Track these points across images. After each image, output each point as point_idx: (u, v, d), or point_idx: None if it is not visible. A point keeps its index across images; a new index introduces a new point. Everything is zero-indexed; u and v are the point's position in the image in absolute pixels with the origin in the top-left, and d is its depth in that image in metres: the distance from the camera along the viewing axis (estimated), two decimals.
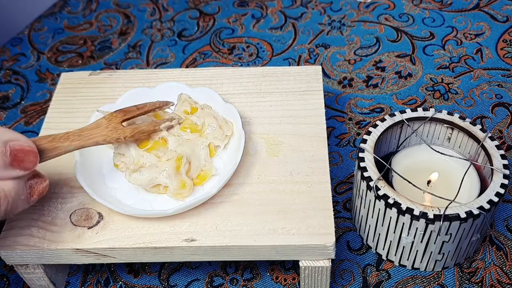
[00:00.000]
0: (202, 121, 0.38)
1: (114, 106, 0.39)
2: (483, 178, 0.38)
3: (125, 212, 0.34)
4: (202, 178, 0.36)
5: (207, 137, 0.37)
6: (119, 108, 0.37)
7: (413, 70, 0.53)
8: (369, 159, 0.37)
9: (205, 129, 0.37)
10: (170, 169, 0.34)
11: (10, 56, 0.58)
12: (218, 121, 0.38)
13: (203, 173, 0.36)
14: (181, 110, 0.39)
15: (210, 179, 0.37)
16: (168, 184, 0.34)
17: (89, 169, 0.36)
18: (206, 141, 0.37)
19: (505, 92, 0.50)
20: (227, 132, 0.38)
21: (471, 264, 0.39)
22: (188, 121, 0.38)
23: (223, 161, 0.37)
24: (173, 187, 0.34)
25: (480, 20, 0.57)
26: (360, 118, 0.49)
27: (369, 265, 0.39)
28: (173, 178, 0.34)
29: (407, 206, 0.34)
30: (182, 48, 0.57)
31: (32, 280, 0.37)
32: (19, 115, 0.52)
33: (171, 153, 0.36)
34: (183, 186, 0.35)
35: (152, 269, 0.40)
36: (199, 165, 0.36)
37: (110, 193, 0.36)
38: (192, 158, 0.36)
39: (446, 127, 0.40)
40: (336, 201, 0.43)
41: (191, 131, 0.37)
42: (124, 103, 0.39)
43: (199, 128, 0.38)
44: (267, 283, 0.39)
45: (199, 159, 0.36)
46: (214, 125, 0.37)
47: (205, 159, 0.37)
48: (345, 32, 0.58)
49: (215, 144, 0.37)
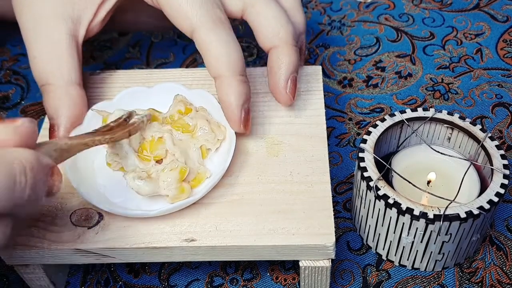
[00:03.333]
0: (194, 122, 0.37)
1: (111, 104, 0.39)
2: (483, 178, 0.38)
3: (115, 212, 0.34)
4: (198, 181, 0.36)
5: (198, 139, 0.37)
6: (115, 108, 0.37)
7: (413, 70, 0.53)
8: (369, 159, 0.37)
9: (196, 131, 0.37)
10: (173, 180, 0.34)
11: (10, 56, 0.58)
12: (210, 125, 0.37)
13: (198, 176, 0.36)
14: (175, 110, 0.38)
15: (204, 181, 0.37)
16: (168, 193, 0.34)
17: (80, 168, 0.36)
18: (198, 143, 0.37)
19: (505, 92, 0.50)
20: (219, 136, 0.37)
21: (471, 264, 0.39)
22: (181, 121, 0.38)
23: (214, 163, 0.37)
24: (173, 194, 0.34)
25: (480, 20, 0.57)
26: (360, 118, 0.49)
27: (369, 265, 0.39)
28: (173, 188, 0.34)
29: (407, 206, 0.34)
30: (182, 48, 0.57)
31: (32, 280, 0.37)
32: (19, 115, 0.52)
33: (174, 163, 0.35)
34: (181, 192, 0.35)
35: (152, 269, 0.40)
36: (194, 167, 0.36)
37: (99, 190, 0.36)
38: (188, 162, 0.36)
39: (446, 127, 0.40)
40: (336, 201, 0.43)
41: (183, 131, 0.37)
42: (121, 101, 0.39)
43: (190, 129, 0.37)
44: (267, 283, 0.39)
45: (193, 161, 0.36)
46: (206, 128, 0.37)
47: (198, 161, 0.37)
48: (345, 32, 0.58)
49: (207, 147, 0.37)
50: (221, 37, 0.36)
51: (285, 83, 0.38)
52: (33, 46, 0.39)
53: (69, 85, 0.38)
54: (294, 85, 0.39)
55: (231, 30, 0.37)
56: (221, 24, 0.37)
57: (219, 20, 0.37)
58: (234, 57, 0.36)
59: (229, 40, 0.37)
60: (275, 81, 0.38)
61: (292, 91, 0.39)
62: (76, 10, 0.39)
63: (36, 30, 0.39)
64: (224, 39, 0.36)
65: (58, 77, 0.38)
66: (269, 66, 0.39)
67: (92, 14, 0.40)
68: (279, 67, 0.38)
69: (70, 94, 0.38)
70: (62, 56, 0.39)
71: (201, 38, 0.36)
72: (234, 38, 0.37)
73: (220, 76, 0.36)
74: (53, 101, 0.38)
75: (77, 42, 0.40)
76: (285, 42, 0.38)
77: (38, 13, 0.39)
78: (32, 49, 0.39)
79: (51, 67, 0.38)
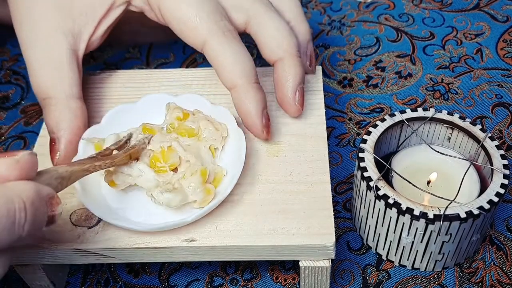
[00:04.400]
0: (197, 125, 0.37)
1: (99, 127, 0.39)
2: (483, 178, 0.38)
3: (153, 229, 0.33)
4: (217, 181, 0.36)
5: (206, 140, 0.37)
6: (105, 130, 0.37)
7: (413, 70, 0.53)
8: (369, 159, 0.37)
9: (201, 133, 0.37)
10: (197, 183, 0.34)
11: (10, 56, 0.58)
12: (213, 124, 0.37)
13: (217, 176, 0.36)
14: (173, 117, 0.38)
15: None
16: (196, 198, 0.34)
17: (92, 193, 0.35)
18: (207, 144, 0.37)
19: (505, 92, 0.50)
20: (223, 133, 0.38)
21: (471, 264, 0.39)
22: (183, 127, 0.37)
23: (224, 162, 0.37)
24: (200, 198, 0.34)
25: (480, 20, 0.57)
26: (360, 118, 0.49)
27: (369, 265, 0.39)
28: (200, 192, 0.34)
29: (407, 206, 0.34)
30: (182, 48, 0.57)
31: (32, 280, 0.37)
32: (19, 115, 0.52)
33: (193, 167, 0.35)
34: (208, 193, 0.34)
35: (152, 269, 0.40)
36: (210, 168, 0.36)
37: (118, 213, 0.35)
38: (204, 164, 0.36)
39: (446, 127, 0.40)
40: (336, 201, 0.43)
41: (189, 136, 0.37)
42: (109, 123, 0.39)
43: (195, 132, 0.37)
44: (267, 283, 0.39)
45: (208, 163, 0.36)
46: (211, 128, 0.37)
47: (212, 162, 0.36)
48: (345, 32, 0.58)
49: (215, 146, 0.37)
50: (232, 47, 0.37)
51: (294, 94, 0.39)
52: (33, 60, 0.39)
53: (70, 98, 0.38)
54: (302, 96, 0.39)
55: (240, 40, 0.38)
56: (231, 35, 0.37)
57: (228, 31, 0.37)
58: (247, 65, 0.37)
59: (240, 50, 0.37)
60: (283, 94, 0.39)
61: (300, 102, 0.39)
62: (76, 25, 0.40)
63: (37, 44, 0.39)
64: (235, 49, 0.37)
65: (59, 91, 0.38)
66: (276, 79, 0.39)
67: (93, 28, 0.40)
68: (286, 79, 0.39)
69: (70, 107, 0.38)
70: (63, 70, 0.39)
71: (213, 50, 0.37)
72: (244, 47, 0.38)
73: (235, 86, 0.37)
74: (54, 114, 0.38)
75: (77, 56, 0.40)
76: (290, 54, 0.39)
77: (38, 28, 0.39)
78: (31, 63, 0.39)
79: (52, 81, 0.38)
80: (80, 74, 0.40)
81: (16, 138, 0.50)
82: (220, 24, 0.37)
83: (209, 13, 0.37)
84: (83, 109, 0.39)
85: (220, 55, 0.37)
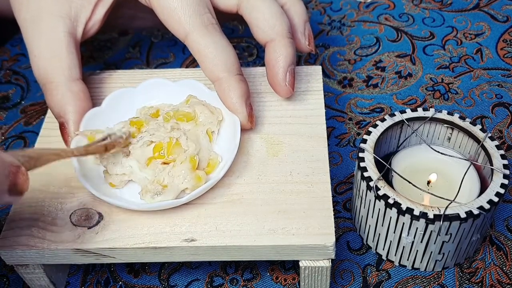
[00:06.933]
0: (192, 109, 0.38)
1: (100, 110, 0.40)
2: (483, 178, 0.38)
3: (143, 208, 0.34)
4: (211, 167, 0.37)
5: (203, 124, 0.38)
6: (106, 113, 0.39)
7: (413, 70, 0.53)
8: (369, 159, 0.37)
9: (197, 117, 0.38)
10: (187, 171, 0.34)
11: (10, 56, 0.58)
12: (208, 108, 0.38)
13: (211, 162, 0.36)
14: (147, 114, 0.39)
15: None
16: (187, 186, 0.34)
17: (88, 172, 0.36)
18: (204, 128, 0.38)
19: (505, 92, 0.50)
20: (218, 117, 0.38)
21: (471, 264, 0.39)
22: (181, 112, 0.38)
23: (219, 146, 0.38)
24: (191, 186, 0.34)
25: (480, 20, 0.57)
26: (360, 118, 0.49)
27: (369, 265, 0.39)
28: (190, 179, 0.34)
29: (407, 206, 0.34)
30: (182, 48, 0.57)
31: (32, 280, 0.37)
32: (19, 115, 0.52)
33: (182, 155, 0.35)
34: (198, 180, 0.35)
35: (152, 269, 0.40)
36: (206, 155, 0.36)
37: (112, 191, 0.36)
38: (201, 150, 0.36)
39: (446, 127, 0.40)
40: (336, 201, 0.43)
41: (187, 120, 0.38)
42: (109, 105, 0.40)
43: (192, 116, 0.38)
44: (267, 283, 0.39)
45: (205, 148, 0.37)
46: (206, 112, 0.38)
47: (208, 147, 0.37)
48: (345, 32, 0.58)
49: (211, 129, 0.38)
50: (214, 40, 0.37)
51: (284, 75, 0.39)
52: (33, 45, 0.40)
53: (71, 81, 0.39)
54: (292, 77, 0.39)
55: (222, 33, 0.38)
56: (213, 28, 0.38)
57: (211, 24, 0.38)
58: (229, 58, 0.37)
59: (222, 42, 0.38)
60: (273, 74, 0.39)
61: (291, 83, 0.39)
62: (73, 8, 0.40)
63: (35, 28, 0.39)
64: (218, 42, 0.37)
65: (59, 74, 0.39)
66: (267, 60, 0.40)
67: (90, 12, 0.41)
68: (276, 60, 0.39)
69: (72, 90, 0.39)
70: (61, 54, 0.39)
71: (195, 43, 0.37)
72: (227, 40, 0.38)
73: (218, 78, 0.37)
74: (57, 98, 0.39)
75: (75, 39, 0.41)
76: (281, 35, 0.39)
77: (36, 12, 0.40)
78: (32, 47, 0.40)
79: (51, 65, 0.39)
80: (79, 57, 0.40)
81: (16, 138, 0.50)
82: (204, 18, 0.38)
83: (193, 5, 0.37)
84: (85, 90, 0.40)
85: (202, 48, 0.37)
